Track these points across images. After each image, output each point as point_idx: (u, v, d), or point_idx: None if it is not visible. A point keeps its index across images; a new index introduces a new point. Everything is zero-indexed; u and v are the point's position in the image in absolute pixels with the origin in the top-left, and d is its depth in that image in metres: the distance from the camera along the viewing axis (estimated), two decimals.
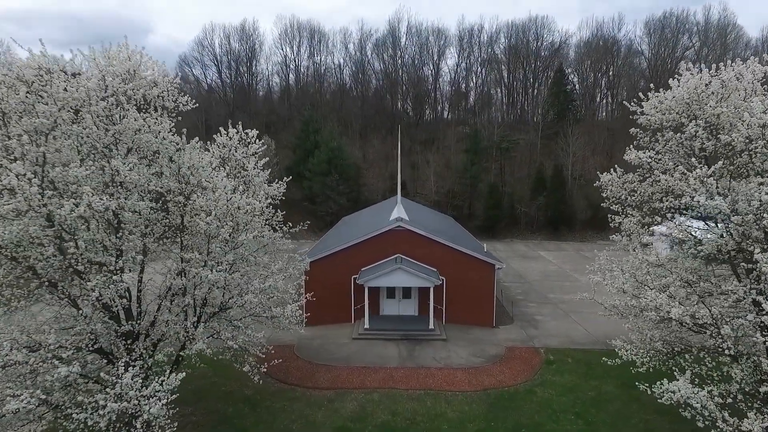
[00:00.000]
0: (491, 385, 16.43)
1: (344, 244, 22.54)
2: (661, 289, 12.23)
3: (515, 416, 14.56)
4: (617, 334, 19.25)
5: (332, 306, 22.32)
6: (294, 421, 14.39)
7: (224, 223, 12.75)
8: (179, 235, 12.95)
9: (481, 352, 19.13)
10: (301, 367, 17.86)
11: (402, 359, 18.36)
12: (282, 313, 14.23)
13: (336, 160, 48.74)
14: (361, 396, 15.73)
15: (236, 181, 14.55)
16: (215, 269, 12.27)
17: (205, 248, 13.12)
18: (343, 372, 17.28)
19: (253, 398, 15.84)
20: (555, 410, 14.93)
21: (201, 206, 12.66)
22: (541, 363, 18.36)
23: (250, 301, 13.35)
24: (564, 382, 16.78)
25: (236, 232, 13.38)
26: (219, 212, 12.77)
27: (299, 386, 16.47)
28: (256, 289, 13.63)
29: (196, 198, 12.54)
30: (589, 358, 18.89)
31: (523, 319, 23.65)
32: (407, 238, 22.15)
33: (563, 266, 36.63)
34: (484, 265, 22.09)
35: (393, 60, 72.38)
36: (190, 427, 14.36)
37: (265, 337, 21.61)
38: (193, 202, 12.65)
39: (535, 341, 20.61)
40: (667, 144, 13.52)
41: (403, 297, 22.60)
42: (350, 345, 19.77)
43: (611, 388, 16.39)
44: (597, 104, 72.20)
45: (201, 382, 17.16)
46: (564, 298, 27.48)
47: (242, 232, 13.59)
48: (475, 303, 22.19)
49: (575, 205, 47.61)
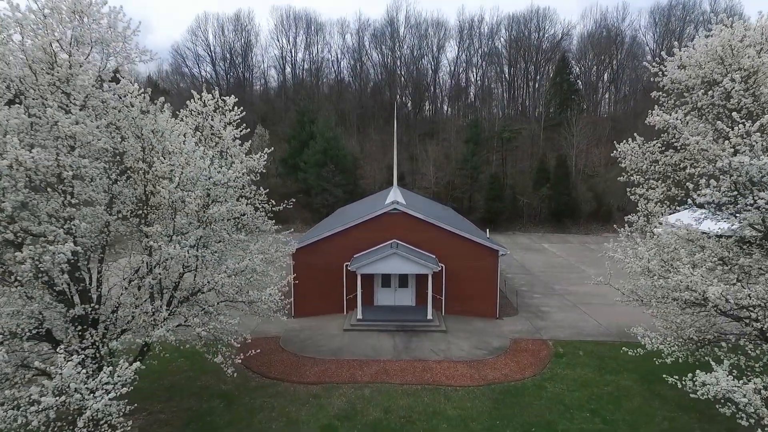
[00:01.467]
0: (496, 379, 14.79)
1: (335, 229, 20.90)
2: (694, 266, 10.58)
3: (524, 413, 12.92)
4: (632, 325, 17.61)
5: (322, 296, 20.69)
6: (274, 419, 12.75)
7: (190, 192, 11.13)
8: (142, 209, 11.34)
9: (484, 344, 17.49)
10: (285, 360, 16.21)
11: (397, 352, 16.71)
12: (260, 297, 12.61)
13: (332, 151, 47.08)
14: (350, 391, 14.09)
15: (211, 151, 12.92)
16: (181, 245, 10.64)
17: (170, 222, 11.52)
18: (332, 365, 15.63)
19: (230, 394, 14.21)
20: (568, 407, 13.30)
21: (164, 173, 11.05)
22: (550, 356, 16.73)
23: (222, 282, 11.72)
24: (576, 377, 15.14)
25: (208, 207, 11.79)
26: (184, 179, 11.17)
27: (282, 381, 14.83)
28: (230, 270, 11.98)
29: (159, 164, 10.92)
30: (602, 350, 17.27)
31: (529, 311, 22.01)
32: (404, 222, 20.50)
33: (568, 258, 35.00)
34: (486, 252, 20.44)
35: (392, 52, 70.68)
36: (157, 425, 12.71)
37: (249, 329, 20.09)
38: (156, 170, 11.04)
39: (543, 333, 18.97)
40: (696, 105, 11.91)
41: (399, 286, 20.96)
42: (341, 337, 18.13)
43: (629, 383, 14.76)
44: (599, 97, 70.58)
45: (175, 377, 15.54)
46: (571, 290, 25.86)
47: (214, 204, 11.99)
48: (477, 292, 20.55)
49: (579, 197, 45.96)
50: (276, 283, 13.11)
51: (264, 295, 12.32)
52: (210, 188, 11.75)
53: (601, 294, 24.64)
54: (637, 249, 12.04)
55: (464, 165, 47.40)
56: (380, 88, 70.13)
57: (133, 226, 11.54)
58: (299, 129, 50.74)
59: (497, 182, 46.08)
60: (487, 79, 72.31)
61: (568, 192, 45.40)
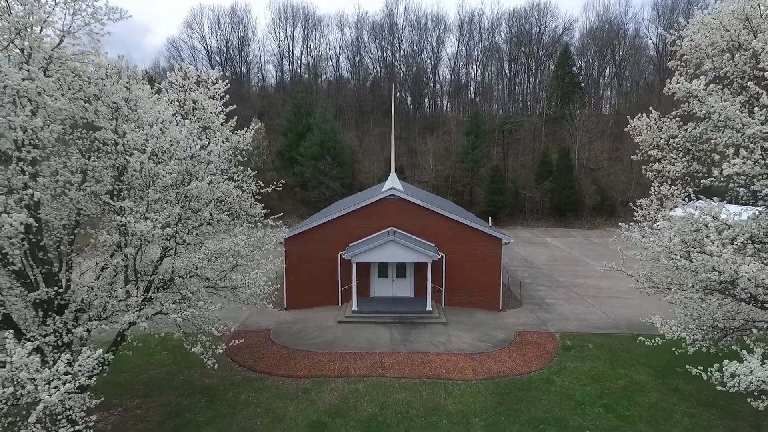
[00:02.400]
0: (500, 372, 13.76)
1: (329, 216, 19.86)
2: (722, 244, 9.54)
3: (531, 409, 11.89)
4: (642, 317, 16.64)
5: (316, 287, 19.65)
6: (258, 415, 11.71)
7: (165, 164, 10.09)
8: (113, 184, 10.30)
9: (486, 337, 16.45)
10: (274, 353, 15.17)
11: (394, 344, 15.68)
12: (243, 282, 11.57)
13: (329, 143, 46.00)
14: (343, 385, 13.06)
15: (193, 125, 11.86)
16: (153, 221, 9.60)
17: (144, 198, 10.49)
18: (324, 358, 14.60)
19: (213, 389, 13.17)
20: (579, 402, 12.26)
21: (137, 143, 9.99)
22: (558, 348, 15.70)
23: (200, 265, 10.68)
24: (586, 370, 14.11)
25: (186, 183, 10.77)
26: (158, 151, 10.13)
27: (270, 374, 13.80)
28: (209, 252, 10.95)
29: (131, 134, 9.86)
30: (613, 343, 16.25)
31: (533, 303, 20.98)
32: (402, 209, 19.46)
33: (572, 252, 33.96)
34: (489, 240, 19.39)
35: (390, 46, 69.57)
36: (132, 422, 11.68)
37: (238, 321, 19.05)
38: (128, 141, 9.98)
39: (549, 325, 17.94)
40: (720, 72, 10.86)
41: (397, 276, 19.91)
42: (335, 329, 17.09)
43: (643, 377, 13.72)
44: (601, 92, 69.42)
45: (156, 371, 14.50)
46: (577, 282, 24.83)
47: (193, 180, 10.96)
48: (480, 283, 19.51)
49: (583, 190, 44.88)
50: (262, 267, 12.06)
51: (248, 280, 11.26)
52: (188, 162, 10.72)
53: (609, 287, 23.67)
54: (657, 226, 10.96)
55: (464, 158, 46.31)
56: (379, 83, 69.05)
57: (103, 203, 10.51)
58: (295, 121, 49.63)
59: (498, 175, 44.98)
60: (488, 75, 71.25)
61: (571, 185, 44.32)
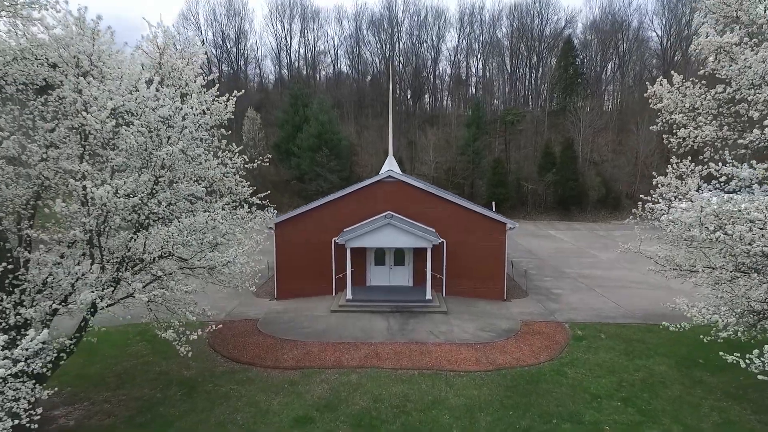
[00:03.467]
0: (506, 363, 12.57)
1: (322, 200, 18.67)
2: None
3: (542, 402, 10.69)
4: (656, 307, 15.48)
5: (309, 276, 18.46)
6: (239, 409, 10.52)
7: (130, 124, 8.91)
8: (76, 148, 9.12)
9: (490, 327, 15.26)
10: (261, 343, 13.98)
11: (391, 333, 14.48)
12: (222, 259, 10.37)
13: (327, 135, 44.80)
14: (334, 377, 11.87)
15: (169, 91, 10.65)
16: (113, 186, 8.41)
17: (108, 164, 9.32)
18: (314, 348, 13.41)
19: (192, 380, 11.98)
20: (594, 395, 11.07)
21: (97, 100, 8.80)
22: (568, 339, 14.51)
23: (172, 240, 9.49)
24: (600, 361, 12.92)
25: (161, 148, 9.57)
26: (123, 110, 8.96)
27: (255, 365, 12.61)
28: (182, 227, 9.75)
29: (88, 90, 8.66)
30: (627, 333, 15.06)
31: (539, 293, 19.79)
32: (399, 192, 18.27)
33: (577, 243, 32.77)
34: (492, 225, 18.20)
35: (390, 38, 68.37)
36: (98, 417, 10.49)
37: (225, 311, 17.87)
38: (87, 98, 8.79)
39: (557, 315, 16.75)
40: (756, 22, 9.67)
41: (394, 264, 18.72)
42: (328, 318, 15.90)
43: (664, 369, 12.53)
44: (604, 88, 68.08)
45: (131, 362, 13.32)
46: (584, 273, 23.65)
47: (165, 146, 9.76)
48: (482, 271, 18.32)
49: (587, 183, 43.68)
50: (244, 246, 10.84)
51: (225, 258, 10.06)
52: (159, 125, 9.52)
53: (617, 278, 22.52)
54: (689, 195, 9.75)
55: (465, 150, 45.09)
56: (378, 79, 67.77)
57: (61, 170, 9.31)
58: (292, 113, 48.43)
59: (500, 167, 43.75)
60: (489, 69, 69.97)
61: (575, 177, 43.10)
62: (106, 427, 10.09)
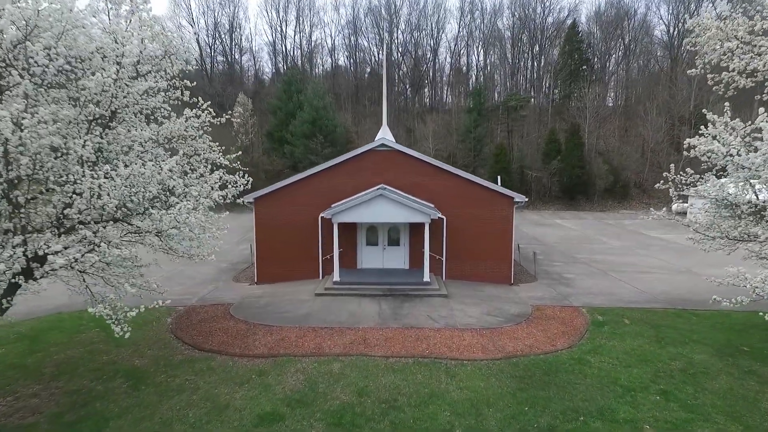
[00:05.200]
0: (518, 351, 10.62)
1: (307, 172, 16.73)
2: None
3: (564, 396, 8.75)
4: (680, 291, 13.56)
5: (292, 257, 16.51)
6: (193, 405, 8.56)
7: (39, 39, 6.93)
8: None
9: (497, 311, 13.31)
10: (229, 328, 12.03)
11: (383, 318, 12.53)
12: (172, 217, 8.36)
13: (321, 121, 42.83)
14: (312, 366, 9.92)
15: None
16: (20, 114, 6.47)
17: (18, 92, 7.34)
18: (291, 334, 11.45)
19: (142, 371, 10.03)
20: (627, 388, 9.12)
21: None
22: (587, 324, 12.56)
23: (98, 191, 7.50)
24: (628, 349, 10.97)
25: None
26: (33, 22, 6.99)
27: (220, 353, 10.66)
28: (122, 175, 7.76)
29: None
30: (654, 318, 13.12)
31: (550, 277, 17.85)
32: (394, 162, 16.32)
33: (585, 231, 30.81)
34: (498, 200, 16.25)
35: (389, 24, 66.33)
36: (20, 414, 8.54)
37: (197, 296, 15.92)
38: None
39: (572, 299, 14.81)
40: None
41: (388, 244, 16.76)
42: (311, 302, 13.94)
43: (704, 357, 10.57)
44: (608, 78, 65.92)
45: (77, 350, 11.35)
46: (596, 258, 21.71)
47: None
48: (487, 252, 16.38)
49: (594, 171, 41.68)
50: (196, 198, 8.85)
51: (172, 215, 8.06)
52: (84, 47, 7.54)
53: (633, 263, 20.59)
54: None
55: (466, 137, 43.09)
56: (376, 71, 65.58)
57: None
58: (286, 99, 46.45)
59: (503, 154, 41.67)
60: (490, 59, 67.81)
61: (581, 164, 41.10)
62: (26, 426, 8.13)
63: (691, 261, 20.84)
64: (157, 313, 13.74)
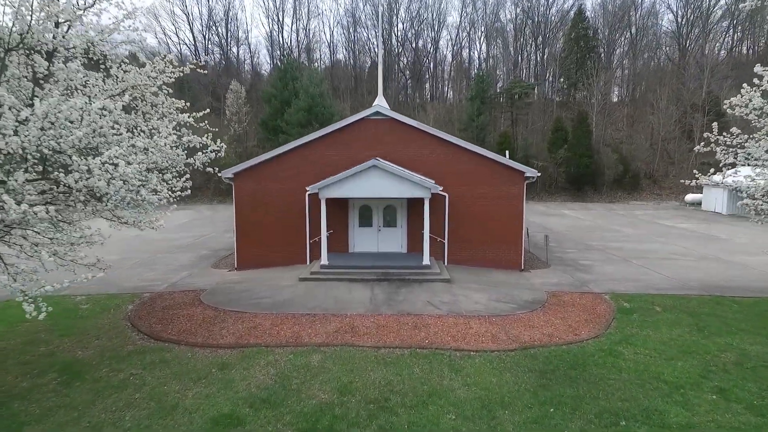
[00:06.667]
0: (535, 341, 8.87)
1: (292, 144, 15.00)
2: None
3: (598, 395, 6.99)
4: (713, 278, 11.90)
5: (277, 240, 14.78)
6: (132, 405, 6.83)
7: None
8: None
9: (508, 297, 11.55)
10: (195, 315, 10.30)
11: (375, 304, 10.78)
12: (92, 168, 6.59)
13: (318, 109, 41.06)
14: (286, 358, 8.18)
15: None
16: None
17: None
18: (266, 321, 9.71)
19: (82, 364, 8.29)
20: (673, 385, 7.35)
21: None
22: (613, 311, 10.79)
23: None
24: (666, 339, 9.21)
25: None
26: None
27: (179, 343, 8.92)
28: (40, 117, 6.00)
29: None
30: (690, 306, 11.35)
31: (564, 264, 16.09)
32: (390, 132, 14.59)
33: (596, 221, 29.00)
34: (507, 175, 14.49)
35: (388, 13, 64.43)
36: None
37: (169, 281, 14.19)
38: None
39: (591, 286, 13.05)
40: None
41: (384, 225, 15.01)
42: (294, 288, 12.20)
43: (761, 348, 8.81)
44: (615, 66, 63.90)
45: (13, 341, 9.66)
46: (612, 246, 19.93)
47: None
48: (494, 234, 14.62)
49: (602, 160, 39.83)
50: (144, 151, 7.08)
51: (102, 165, 6.28)
52: None
53: (654, 250, 18.83)
54: None
55: (468, 125, 41.26)
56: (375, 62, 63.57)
57: None
58: (281, 87, 44.66)
59: (507, 143, 39.71)
60: (492, 57, 65.66)
61: (589, 154, 39.24)
62: None
63: (715, 248, 19.10)
64: (118, 300, 12.06)
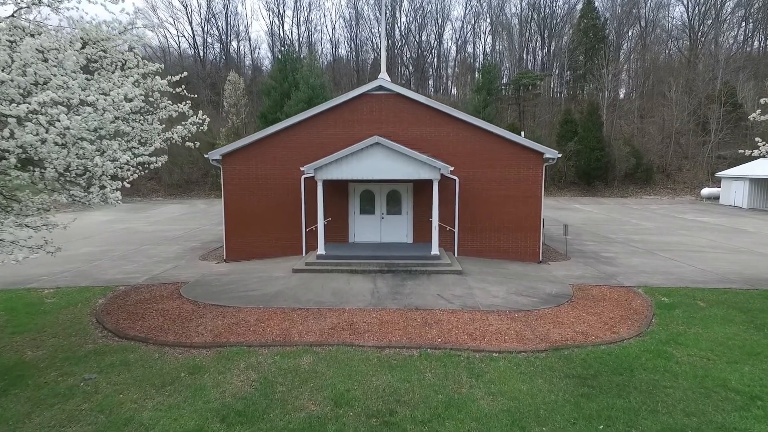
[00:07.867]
0: (567, 340, 7.48)
1: (286, 122, 13.64)
2: None
3: (657, 409, 5.59)
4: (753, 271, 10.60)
5: (270, 229, 13.45)
6: (76, 419, 5.48)
7: None
8: None
9: (529, 290, 10.16)
10: (171, 310, 8.95)
11: (378, 298, 9.41)
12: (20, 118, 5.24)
13: (318, 100, 39.64)
14: (271, 360, 6.82)
15: None
16: None
17: None
18: (251, 317, 8.35)
19: (29, 366, 6.96)
20: (747, 395, 5.95)
21: None
22: (651, 307, 9.38)
23: None
24: (722, 338, 7.80)
25: None
26: None
27: (147, 342, 7.57)
28: None
29: None
30: (739, 300, 9.94)
31: (585, 256, 14.69)
32: (394, 109, 13.22)
33: (611, 215, 27.53)
34: (524, 156, 13.11)
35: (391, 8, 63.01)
36: None
37: (151, 273, 12.88)
38: None
39: (620, 279, 11.64)
40: None
41: (387, 212, 13.63)
42: (287, 279, 10.84)
43: None
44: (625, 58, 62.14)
45: None
46: (633, 238, 18.51)
47: None
48: (509, 222, 13.25)
49: (614, 153, 38.30)
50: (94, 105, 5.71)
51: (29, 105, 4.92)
52: None
53: (679, 242, 17.39)
54: None
55: (475, 117, 39.78)
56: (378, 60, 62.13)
57: None
58: (280, 79, 43.34)
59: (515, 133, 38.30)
60: (498, 52, 64.02)
61: (600, 146, 37.70)
62: None
63: (745, 241, 17.68)
64: (89, 293, 10.73)
